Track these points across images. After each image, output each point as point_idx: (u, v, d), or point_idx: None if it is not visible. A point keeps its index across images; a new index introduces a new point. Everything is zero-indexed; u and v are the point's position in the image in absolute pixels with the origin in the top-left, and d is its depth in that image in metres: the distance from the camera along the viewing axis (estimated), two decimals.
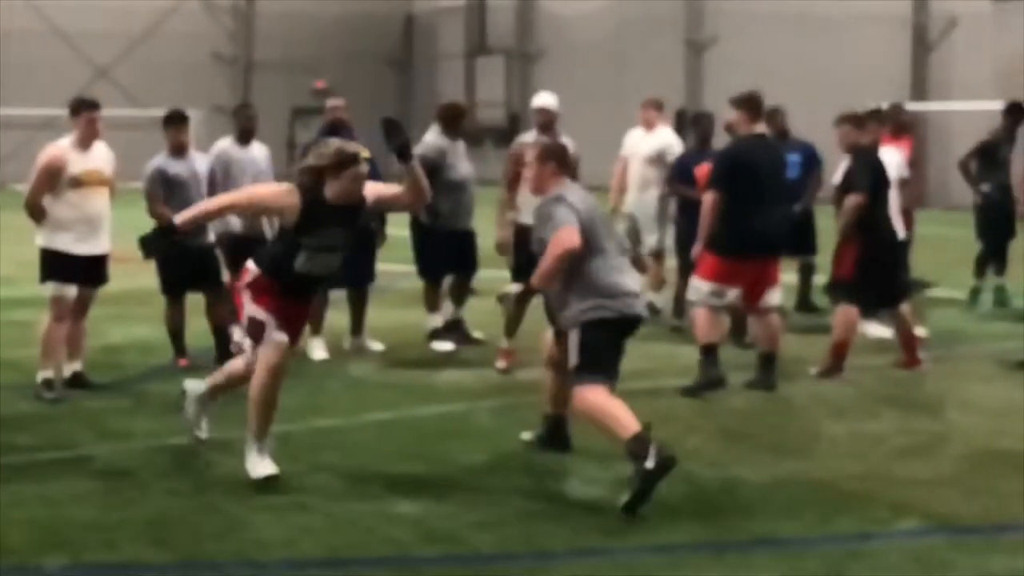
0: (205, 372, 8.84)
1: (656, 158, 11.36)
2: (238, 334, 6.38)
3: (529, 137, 9.54)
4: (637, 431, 5.76)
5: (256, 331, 6.19)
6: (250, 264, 6.34)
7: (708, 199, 8.50)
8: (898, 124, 12.56)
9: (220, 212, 6.86)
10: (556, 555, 5.18)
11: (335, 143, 6.41)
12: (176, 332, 9.16)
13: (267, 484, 6.02)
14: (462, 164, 10.00)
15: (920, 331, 9.55)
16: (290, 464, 6.45)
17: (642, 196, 11.41)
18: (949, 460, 6.82)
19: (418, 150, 10.15)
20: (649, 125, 11.62)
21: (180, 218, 6.44)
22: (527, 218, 9.08)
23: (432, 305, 10.16)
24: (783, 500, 5.98)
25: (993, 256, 12.55)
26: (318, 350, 9.55)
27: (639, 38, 36.73)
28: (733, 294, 8.44)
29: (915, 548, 5.34)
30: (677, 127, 35.29)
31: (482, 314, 10.17)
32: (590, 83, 34.56)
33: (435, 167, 9.71)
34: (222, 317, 9.22)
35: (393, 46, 44.75)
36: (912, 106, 17.80)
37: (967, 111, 24.03)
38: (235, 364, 6.60)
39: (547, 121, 9.82)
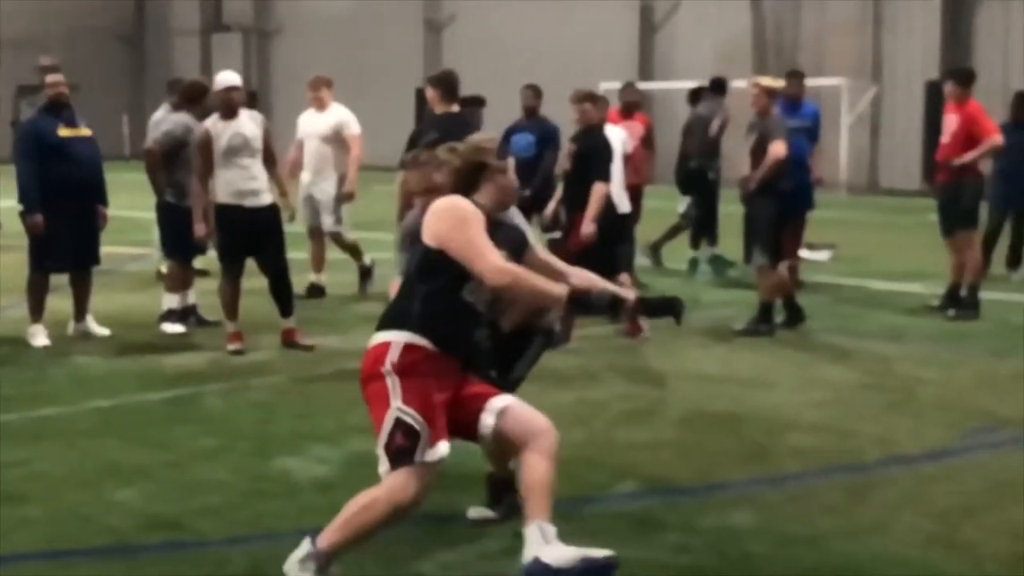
0: None
1: (333, 136, 11.49)
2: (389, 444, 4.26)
3: (210, 122, 9.05)
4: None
5: (405, 447, 4.33)
6: (386, 336, 4.49)
7: (399, 179, 8.45)
8: (627, 103, 13.02)
9: None
10: (282, 536, 5.13)
11: (475, 137, 4.90)
12: None
13: None
14: None
15: None
16: (8, 455, 6.22)
17: (319, 176, 11.54)
18: (667, 424, 7.12)
19: (164, 126, 9.99)
20: (320, 104, 11.66)
21: None
22: (225, 197, 8.97)
23: (175, 286, 9.93)
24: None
25: (708, 227, 13.15)
26: (39, 336, 9.22)
27: (378, 16, 36.72)
28: None
29: (631, 510, 5.54)
30: (418, 106, 35.33)
31: (214, 295, 10.00)
32: (329, 61, 34.19)
33: (182, 144, 9.55)
34: None
35: (125, 21, 43.31)
36: (641, 85, 18.44)
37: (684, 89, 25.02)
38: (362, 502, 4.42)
39: (235, 100, 9.05)
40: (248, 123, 9.03)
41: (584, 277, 5.01)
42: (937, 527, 5.30)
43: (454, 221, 4.45)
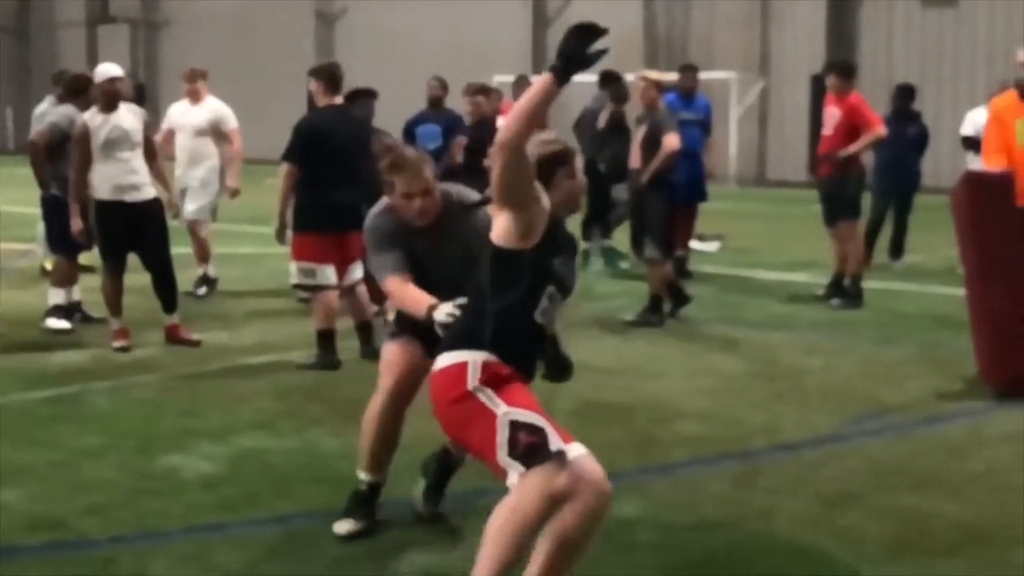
0: None
1: (208, 129, 11.42)
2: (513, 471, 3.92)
3: (88, 115, 8.85)
4: None
5: (536, 442, 3.93)
6: (461, 356, 4.09)
7: (282, 172, 8.39)
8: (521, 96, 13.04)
9: None
10: (167, 534, 5.08)
11: (544, 136, 4.41)
12: None
13: None
14: None
15: None
16: None
17: (193, 167, 11.45)
18: (558, 415, 6.97)
19: (49, 118, 9.78)
20: (195, 96, 11.56)
21: None
22: (105, 193, 8.80)
23: (61, 281, 9.73)
24: (405, 463, 6.08)
25: (600, 219, 13.26)
26: None
27: (268, 8, 36.36)
28: (328, 272, 8.17)
29: None
30: (309, 98, 35.06)
31: (98, 292, 9.83)
32: (219, 53, 33.90)
33: (67, 136, 9.36)
34: None
35: (8, 13, 42.32)
36: (534, 79, 18.47)
37: (582, 83, 25.22)
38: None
39: (117, 92, 8.80)
40: (128, 116, 8.85)
41: None
42: (822, 512, 5.40)
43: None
